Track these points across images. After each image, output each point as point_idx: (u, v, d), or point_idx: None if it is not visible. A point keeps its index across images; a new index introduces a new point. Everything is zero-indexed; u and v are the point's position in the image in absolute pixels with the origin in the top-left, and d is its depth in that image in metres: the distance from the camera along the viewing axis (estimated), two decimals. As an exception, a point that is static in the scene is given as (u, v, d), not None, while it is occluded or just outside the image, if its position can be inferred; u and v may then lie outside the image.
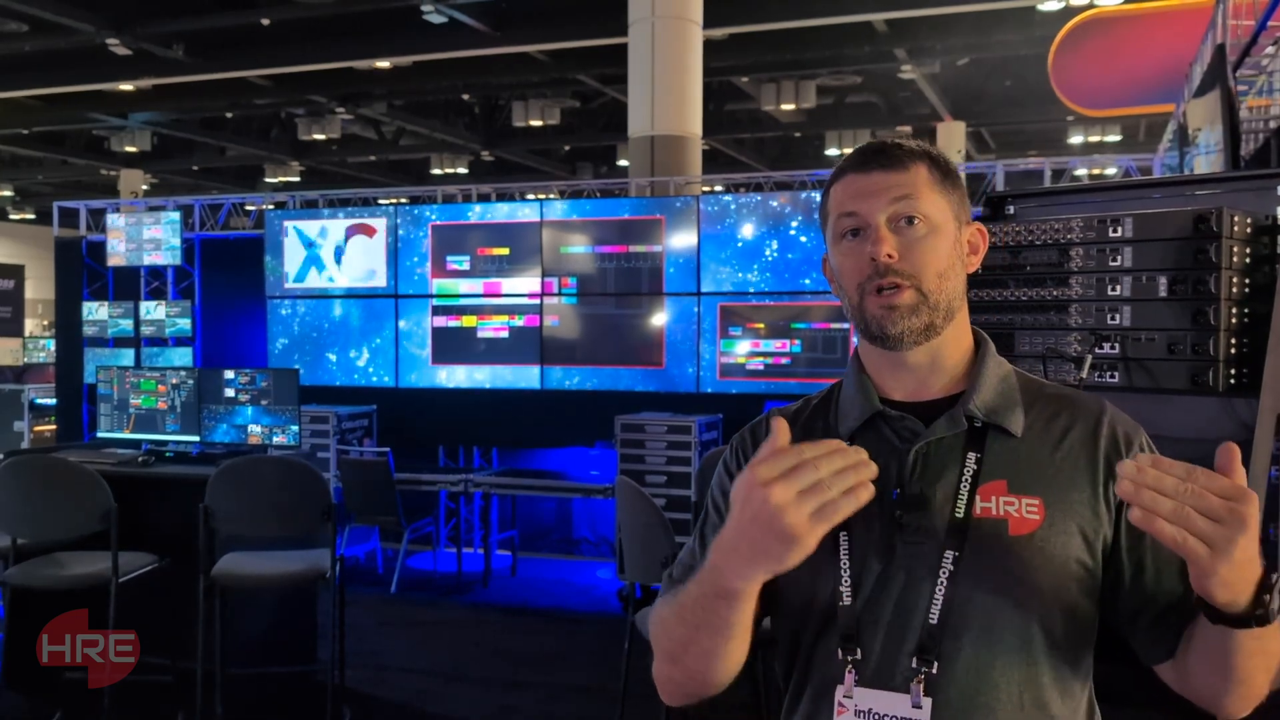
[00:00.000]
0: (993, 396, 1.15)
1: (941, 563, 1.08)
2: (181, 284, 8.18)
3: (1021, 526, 1.08)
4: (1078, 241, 2.10)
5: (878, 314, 1.11)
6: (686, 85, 7.82)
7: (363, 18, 10.90)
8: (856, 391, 1.19)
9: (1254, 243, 1.98)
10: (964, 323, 1.19)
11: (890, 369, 1.18)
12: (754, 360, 6.42)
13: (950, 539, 1.08)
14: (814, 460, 0.93)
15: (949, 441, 1.13)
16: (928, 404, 1.16)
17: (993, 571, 1.07)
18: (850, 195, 1.14)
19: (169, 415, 4.70)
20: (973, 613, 1.07)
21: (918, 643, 1.06)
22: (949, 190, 1.15)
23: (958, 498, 1.10)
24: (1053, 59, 8.01)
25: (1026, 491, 1.10)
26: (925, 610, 1.07)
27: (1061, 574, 1.08)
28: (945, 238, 1.13)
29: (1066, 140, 15.79)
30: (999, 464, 1.12)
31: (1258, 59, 3.58)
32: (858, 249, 1.13)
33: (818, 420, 1.22)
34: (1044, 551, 1.08)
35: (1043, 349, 2.12)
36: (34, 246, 22.65)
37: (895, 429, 1.15)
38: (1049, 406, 1.16)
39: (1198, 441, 2.05)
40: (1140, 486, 0.91)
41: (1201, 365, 1.94)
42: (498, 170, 18.52)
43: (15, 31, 10.76)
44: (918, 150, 1.15)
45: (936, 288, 1.11)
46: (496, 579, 6.50)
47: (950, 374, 1.17)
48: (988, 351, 1.19)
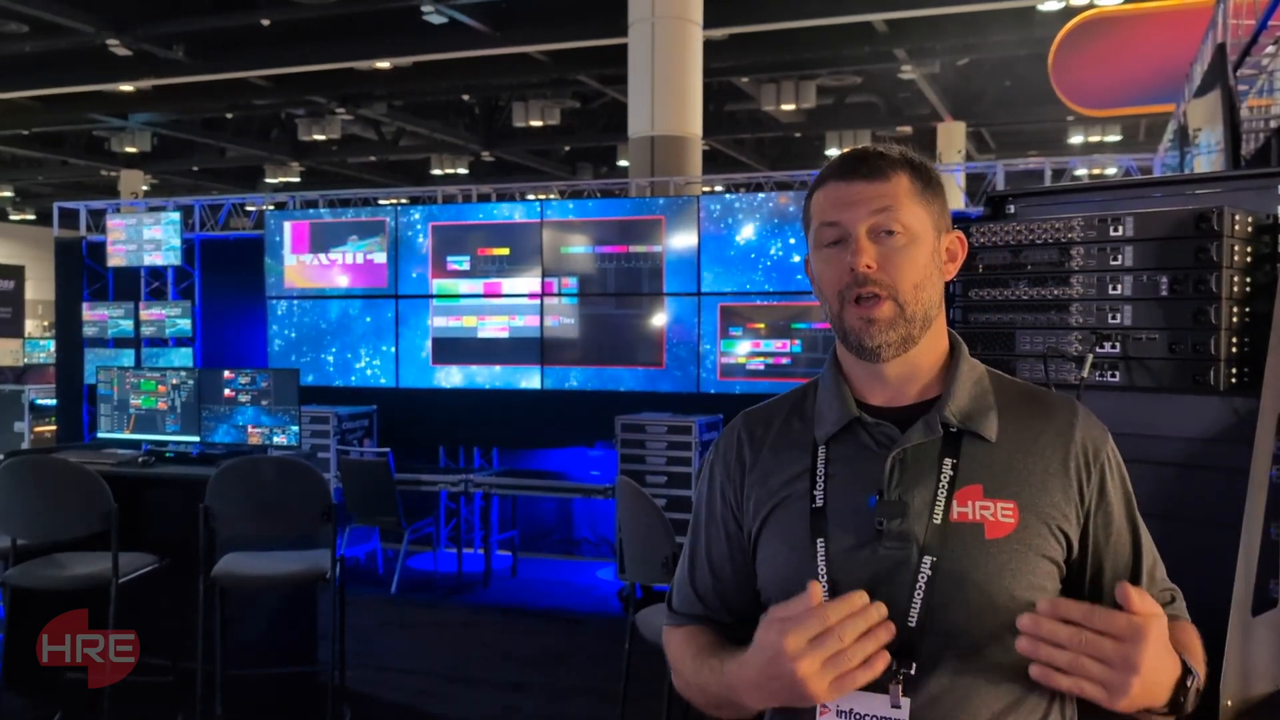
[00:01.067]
0: (967, 401, 1.17)
1: (920, 567, 1.10)
2: (181, 284, 8.18)
3: (997, 530, 1.11)
4: (1078, 241, 2.10)
5: (856, 326, 1.14)
6: (686, 85, 7.82)
7: (363, 18, 10.90)
8: (834, 396, 1.21)
9: (1255, 242, 1.98)
10: (940, 328, 1.21)
11: (867, 376, 1.21)
12: (754, 360, 6.42)
13: (929, 544, 1.11)
14: (838, 628, 1.01)
15: (925, 447, 1.15)
16: (904, 409, 1.19)
17: (970, 575, 1.10)
18: (832, 204, 1.16)
19: (169, 416, 4.70)
20: (951, 615, 1.09)
21: (897, 644, 1.07)
22: (929, 200, 1.17)
23: (935, 503, 1.12)
24: (1053, 59, 8.00)
25: (1001, 495, 1.13)
26: (904, 614, 1.09)
27: (1037, 575, 1.11)
28: (924, 248, 1.15)
29: (1066, 140, 15.79)
30: (974, 469, 1.14)
31: (1258, 59, 3.57)
32: (838, 257, 1.15)
33: (792, 425, 1.24)
34: (1019, 554, 1.11)
35: (1044, 348, 2.12)
36: (34, 247, 22.65)
37: (872, 435, 1.17)
38: (1022, 408, 1.19)
39: (1199, 441, 2.05)
40: (1037, 643, 0.98)
41: (1202, 364, 1.94)
42: (498, 171, 18.52)
43: (15, 32, 10.77)
44: (900, 159, 1.17)
45: (913, 299, 1.14)
46: (497, 579, 6.50)
47: (926, 379, 1.20)
48: (961, 355, 1.21)
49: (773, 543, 1.19)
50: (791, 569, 1.15)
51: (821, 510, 1.16)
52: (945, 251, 1.20)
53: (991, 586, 1.09)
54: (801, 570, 1.13)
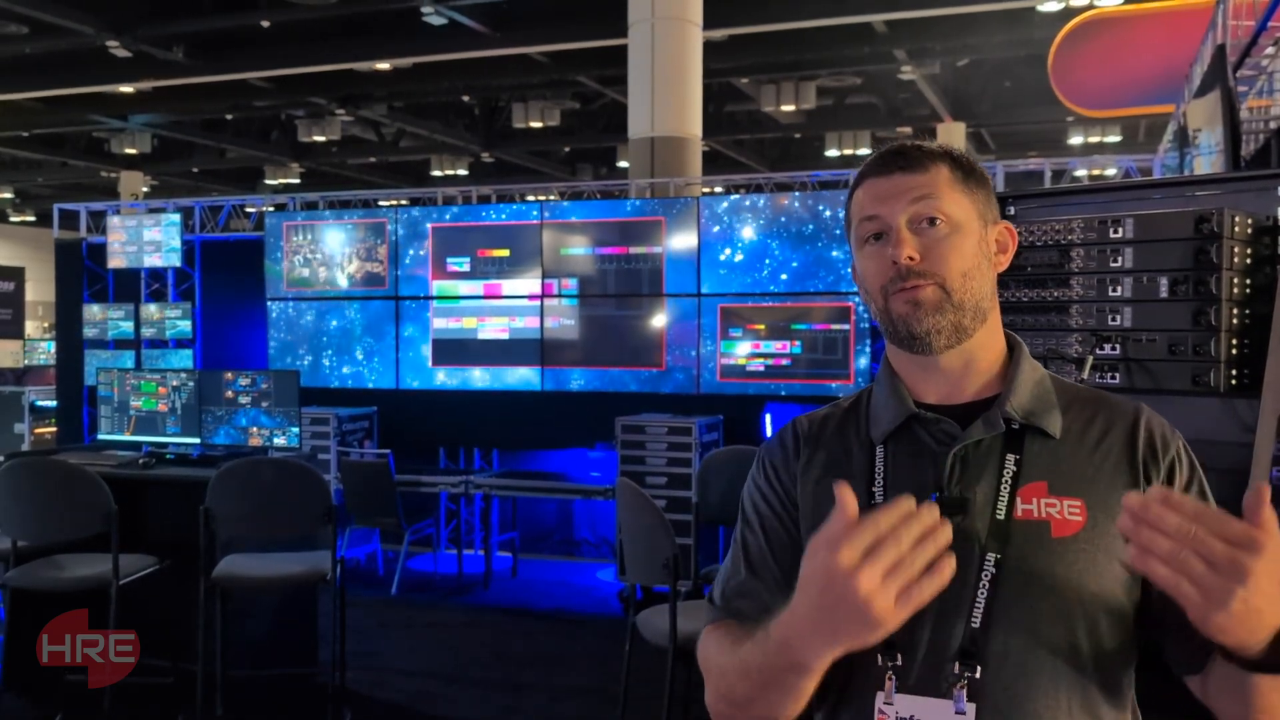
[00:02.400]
0: (1028, 399, 1.13)
1: (983, 566, 1.06)
2: (182, 286, 8.18)
3: (1064, 528, 1.07)
4: (1078, 242, 2.10)
5: (903, 311, 1.10)
6: (686, 86, 7.82)
7: (362, 19, 10.90)
8: (889, 395, 1.17)
9: (1255, 243, 1.98)
10: (996, 325, 1.18)
11: (922, 373, 1.16)
12: (754, 361, 6.41)
13: (991, 541, 1.07)
14: (893, 533, 0.88)
15: (987, 444, 1.11)
16: (962, 407, 1.15)
17: (1036, 574, 1.05)
18: (871, 199, 1.13)
19: (169, 417, 4.70)
20: (1016, 616, 1.05)
21: (960, 647, 1.05)
22: (972, 189, 1.14)
23: (998, 500, 1.09)
24: (1053, 60, 8.00)
25: (1068, 493, 1.09)
26: (967, 614, 1.05)
27: (1106, 576, 1.06)
28: (969, 237, 1.12)
29: (1066, 141, 15.78)
30: (1038, 466, 1.10)
31: (1258, 59, 3.57)
32: (880, 253, 1.12)
33: (848, 426, 1.21)
34: (1088, 554, 1.06)
35: (1044, 350, 2.12)
36: (34, 249, 22.64)
37: (931, 432, 1.14)
38: (1085, 409, 1.15)
39: (1199, 442, 2.05)
40: (1140, 523, 0.87)
41: (1202, 366, 1.94)
42: (498, 172, 18.51)
43: (15, 34, 10.76)
44: (938, 151, 1.14)
45: (961, 286, 1.10)
46: (497, 580, 6.50)
47: (984, 377, 1.16)
48: (1022, 354, 1.18)
49: None
50: None
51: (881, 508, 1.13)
52: (995, 243, 1.16)
53: (1059, 586, 1.05)
54: None
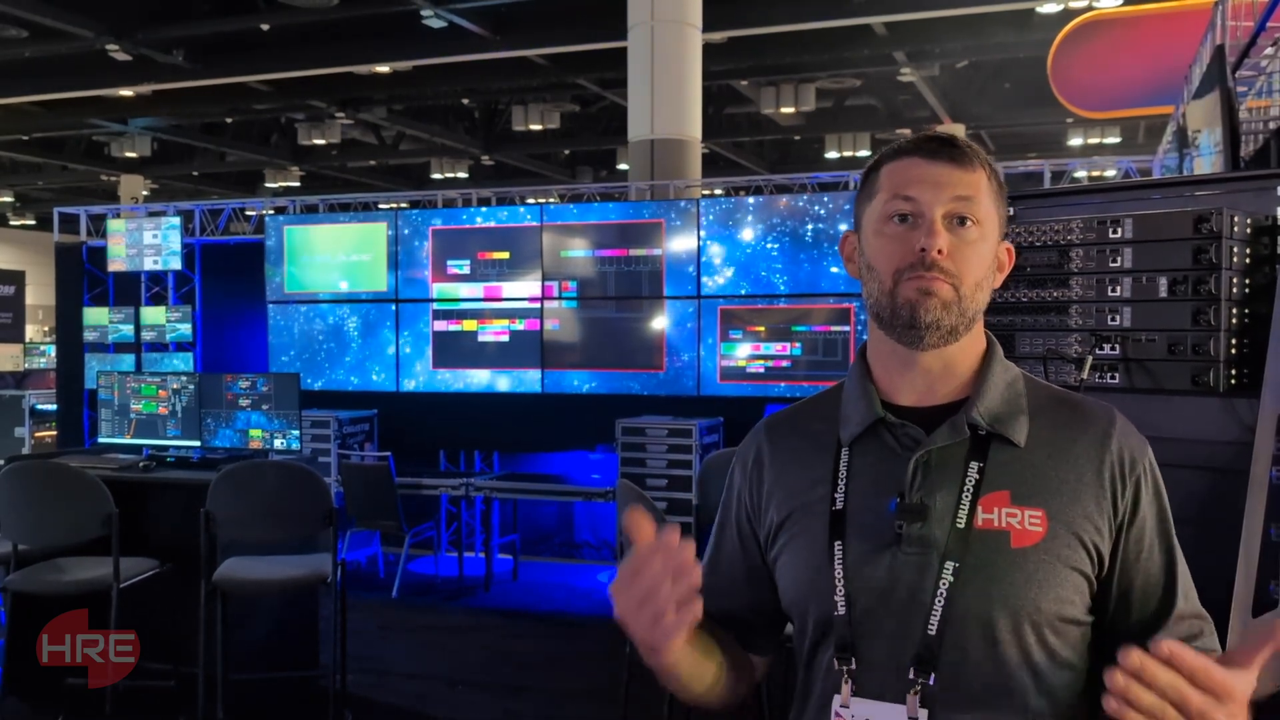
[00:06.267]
0: (998, 404, 1.12)
1: (941, 574, 1.06)
2: (182, 289, 8.18)
3: (1024, 539, 1.06)
4: (1078, 243, 2.10)
5: (913, 298, 1.08)
6: (686, 89, 7.82)
7: (362, 23, 10.90)
8: (860, 397, 1.16)
9: (1254, 243, 1.98)
10: (979, 329, 1.17)
11: (900, 370, 1.15)
12: (754, 363, 6.42)
13: (951, 550, 1.07)
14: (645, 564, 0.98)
15: (951, 450, 1.10)
16: (934, 409, 1.14)
17: (994, 584, 1.05)
18: (912, 180, 1.10)
19: (170, 420, 4.70)
20: (973, 625, 1.05)
21: (915, 654, 1.05)
22: (999, 203, 1.14)
23: (959, 508, 1.08)
24: (1052, 61, 8.00)
25: (1029, 503, 1.08)
26: (924, 621, 1.06)
27: (1064, 587, 1.06)
28: (990, 246, 1.11)
29: (1066, 142, 15.78)
30: (1002, 474, 1.09)
31: (1257, 60, 3.57)
32: (905, 235, 1.09)
33: (817, 423, 1.21)
34: (1046, 564, 1.06)
35: (1043, 350, 2.13)
36: (34, 252, 22.64)
37: (897, 436, 1.13)
38: (1056, 414, 1.13)
39: (1199, 442, 2.06)
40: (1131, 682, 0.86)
41: (1202, 366, 1.94)
42: (498, 174, 18.52)
43: (15, 37, 10.76)
44: (981, 156, 1.13)
45: (972, 294, 1.09)
46: (498, 583, 6.50)
47: (959, 378, 1.15)
48: (995, 356, 1.16)
49: (791, 545, 1.16)
50: (809, 572, 1.13)
51: (841, 513, 1.12)
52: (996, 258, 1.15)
53: (1016, 597, 1.04)
54: (819, 573, 1.11)
